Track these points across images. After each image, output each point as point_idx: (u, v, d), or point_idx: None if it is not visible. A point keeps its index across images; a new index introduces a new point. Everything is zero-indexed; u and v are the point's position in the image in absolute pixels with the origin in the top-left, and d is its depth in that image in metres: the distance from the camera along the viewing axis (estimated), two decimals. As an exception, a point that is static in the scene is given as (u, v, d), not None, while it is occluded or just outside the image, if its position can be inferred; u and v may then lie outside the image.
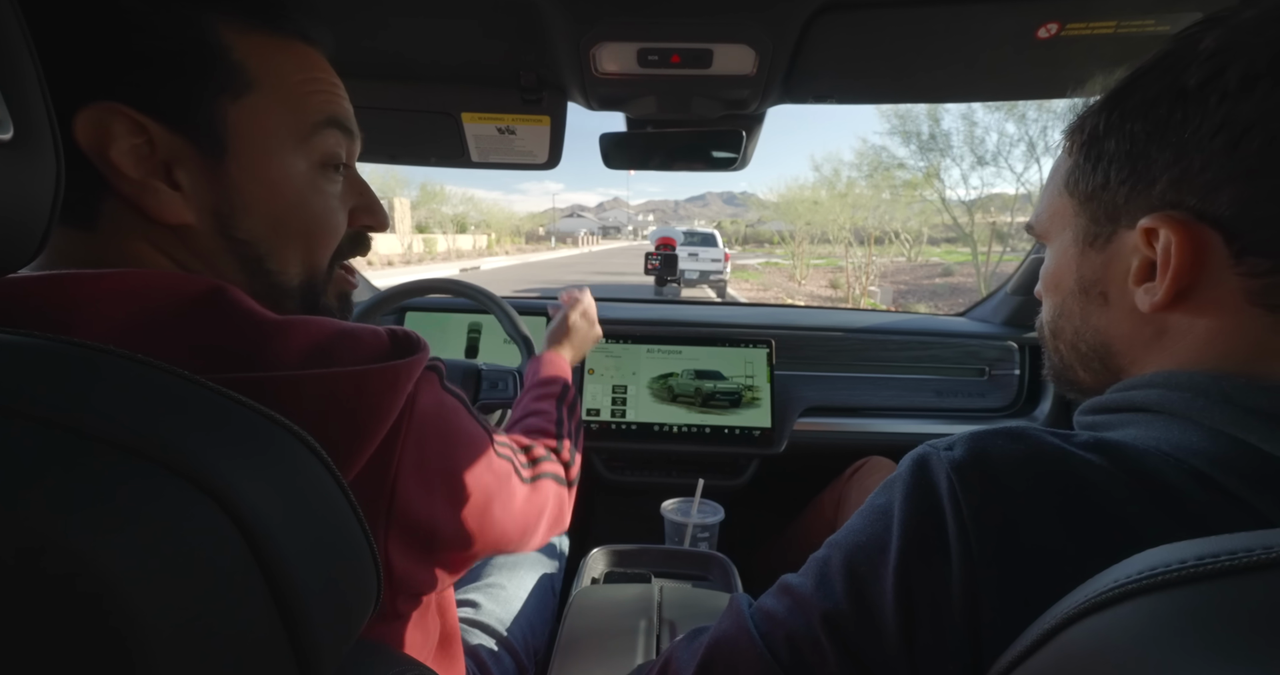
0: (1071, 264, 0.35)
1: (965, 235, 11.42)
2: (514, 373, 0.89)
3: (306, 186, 0.33)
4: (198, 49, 0.28)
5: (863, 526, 0.31)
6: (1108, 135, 0.31)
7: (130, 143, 0.27)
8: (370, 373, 0.28)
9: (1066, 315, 0.36)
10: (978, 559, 0.25)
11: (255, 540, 0.20)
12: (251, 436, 0.22)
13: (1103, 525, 0.24)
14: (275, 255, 0.32)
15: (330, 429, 0.26)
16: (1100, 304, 0.34)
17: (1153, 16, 0.57)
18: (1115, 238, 0.32)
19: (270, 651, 0.20)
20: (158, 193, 0.28)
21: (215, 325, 0.26)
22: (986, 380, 1.20)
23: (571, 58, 0.65)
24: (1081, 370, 0.37)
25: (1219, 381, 0.27)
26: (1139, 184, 0.30)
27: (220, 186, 0.30)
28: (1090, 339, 0.35)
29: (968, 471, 0.27)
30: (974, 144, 10.82)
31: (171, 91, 0.28)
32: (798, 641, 0.30)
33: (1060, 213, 0.35)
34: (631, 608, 0.63)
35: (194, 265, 0.30)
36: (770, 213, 23.08)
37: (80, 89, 0.26)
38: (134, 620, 0.17)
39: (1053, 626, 0.20)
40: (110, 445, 0.19)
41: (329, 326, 0.29)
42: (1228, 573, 0.17)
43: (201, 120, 0.28)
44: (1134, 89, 0.30)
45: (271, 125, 0.31)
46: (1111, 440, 0.28)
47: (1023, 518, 0.25)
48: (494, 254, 27.80)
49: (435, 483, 0.34)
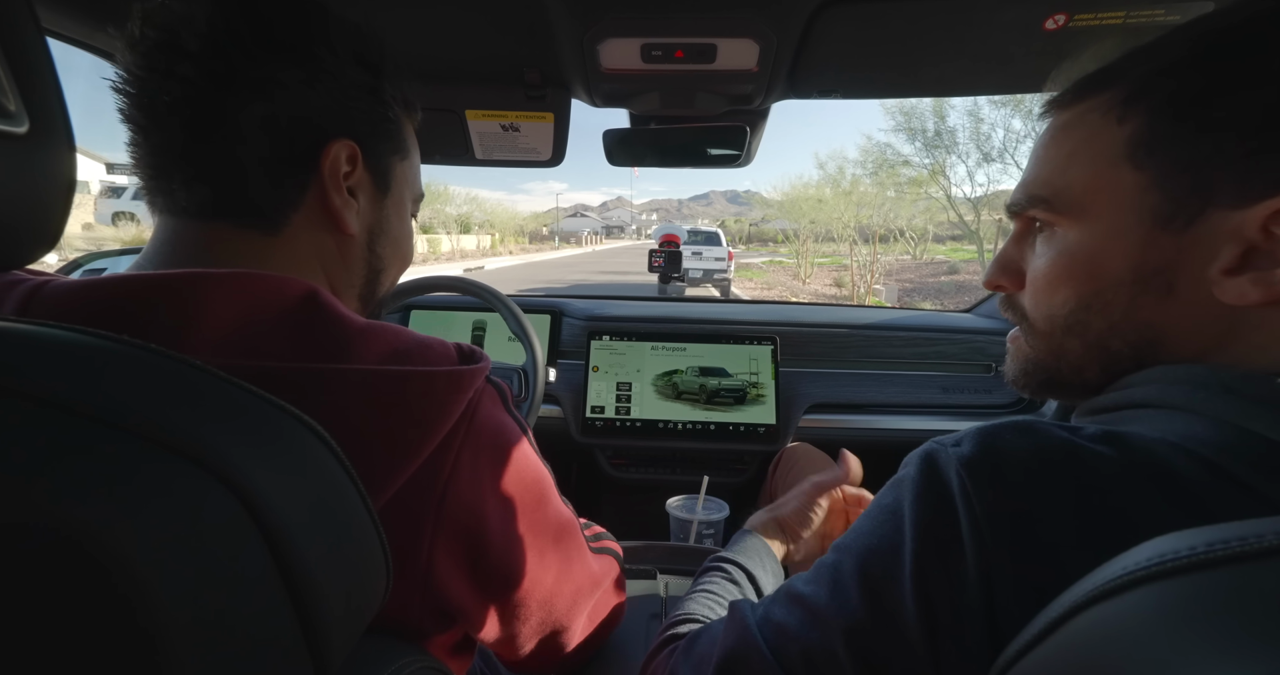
0: (1128, 248, 0.30)
1: (971, 233, 11.36)
2: (519, 370, 0.89)
3: (410, 226, 0.45)
4: (393, 122, 0.40)
5: (872, 529, 0.30)
6: (1219, 96, 0.26)
7: (348, 169, 0.37)
8: (437, 374, 0.31)
9: (1100, 308, 0.31)
10: (992, 554, 0.25)
11: (267, 526, 0.20)
12: (264, 427, 0.23)
13: (1114, 516, 0.24)
14: (388, 271, 0.43)
15: (395, 421, 0.30)
16: (1160, 294, 0.29)
17: (1162, 6, 0.56)
18: (1201, 219, 0.27)
19: (282, 634, 0.21)
20: (350, 207, 0.37)
21: (311, 325, 0.31)
22: (992, 376, 1.20)
23: (575, 54, 0.65)
24: (1098, 371, 0.33)
25: (1217, 373, 0.27)
26: (1267, 159, 0.25)
27: (377, 214, 0.40)
28: (1132, 335, 0.31)
29: (978, 467, 0.26)
30: (980, 140, 10.76)
31: (379, 145, 0.39)
32: (814, 657, 0.29)
33: (1110, 188, 0.30)
34: (637, 603, 0.63)
35: (335, 270, 0.39)
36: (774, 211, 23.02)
37: (339, 129, 0.36)
38: (150, 602, 0.17)
39: (1060, 614, 0.20)
40: (127, 432, 0.19)
41: (408, 335, 0.34)
42: (1237, 559, 0.17)
43: (383, 167, 0.40)
44: (1251, 47, 0.26)
45: (409, 180, 0.43)
46: (1119, 431, 0.27)
47: (1035, 511, 0.25)
48: (498, 254, 27.85)
49: (487, 492, 0.34)
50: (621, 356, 1.17)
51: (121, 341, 0.21)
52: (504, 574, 0.36)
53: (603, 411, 1.14)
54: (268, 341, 0.29)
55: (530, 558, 0.37)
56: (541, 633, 0.41)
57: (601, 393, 1.15)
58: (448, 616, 0.36)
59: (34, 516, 0.17)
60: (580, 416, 1.14)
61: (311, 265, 0.37)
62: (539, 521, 0.38)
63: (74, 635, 0.17)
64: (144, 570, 0.17)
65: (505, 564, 0.36)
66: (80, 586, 0.17)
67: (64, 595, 0.17)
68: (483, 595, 0.36)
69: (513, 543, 0.36)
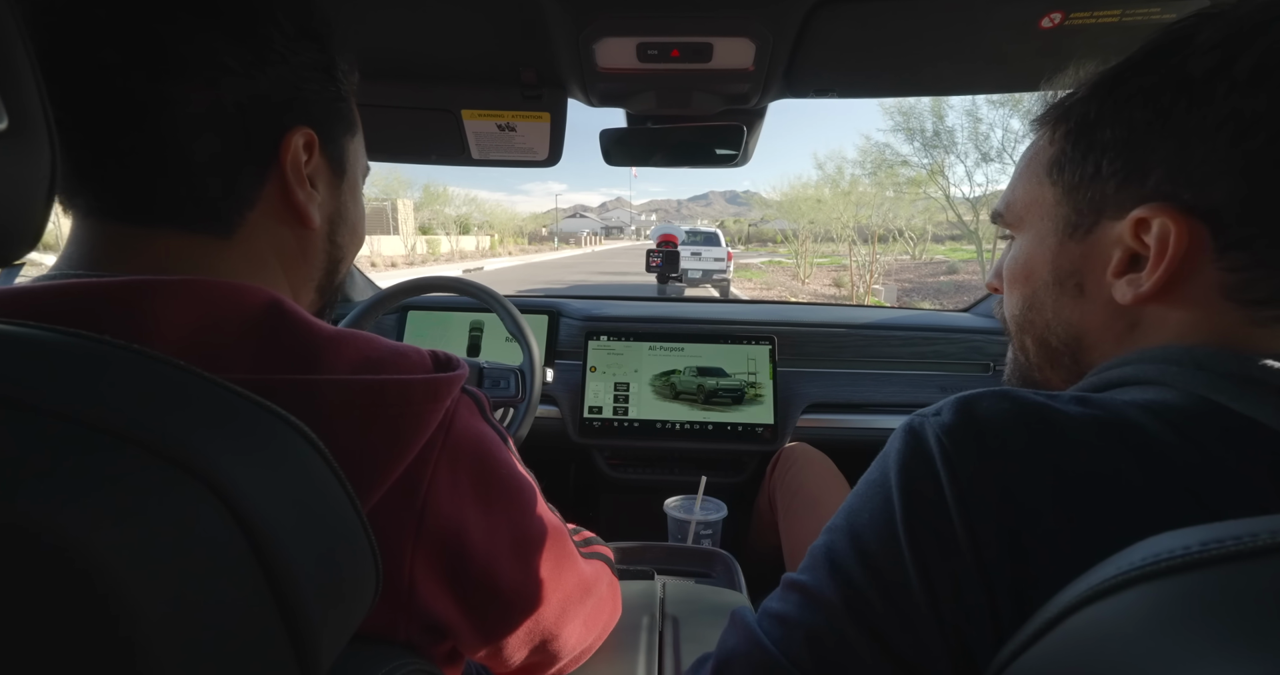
0: (1048, 254, 0.34)
1: (970, 233, 11.37)
2: (516, 371, 0.89)
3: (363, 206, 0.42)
4: (345, 99, 0.37)
5: (861, 505, 0.30)
6: (1101, 123, 0.31)
7: (305, 158, 0.34)
8: (414, 382, 0.30)
9: (1036, 308, 0.36)
10: (976, 516, 0.25)
11: (252, 530, 0.20)
12: (254, 431, 0.22)
13: (1090, 477, 0.25)
14: (345, 259, 0.40)
15: (373, 434, 0.29)
16: (1074, 296, 0.33)
17: (1157, 5, 0.56)
18: (1097, 229, 0.32)
19: (266, 639, 0.20)
20: (312, 198, 0.35)
21: (277, 335, 0.29)
22: (991, 375, 1.19)
23: (571, 53, 0.65)
24: (1050, 369, 0.36)
25: (1190, 351, 0.28)
26: (1133, 174, 0.30)
27: (336, 201, 0.38)
28: (1061, 332, 0.35)
29: (958, 432, 0.27)
30: (978, 140, 10.78)
31: (333, 127, 0.36)
32: (820, 638, 0.28)
33: (1038, 202, 0.35)
34: (635, 604, 0.62)
35: (295, 266, 0.36)
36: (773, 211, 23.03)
37: (295, 116, 0.33)
38: (130, 606, 0.17)
39: (1056, 614, 0.20)
40: (109, 435, 0.19)
41: (381, 343, 0.32)
42: (1232, 558, 0.16)
43: (338, 151, 0.37)
44: (1128, 77, 0.30)
45: (359, 157, 0.40)
46: (1095, 397, 0.29)
47: (1015, 472, 0.26)
48: (497, 255, 27.88)
49: (468, 505, 0.33)
50: (619, 357, 1.17)
51: (104, 342, 0.21)
52: (488, 588, 0.35)
53: (600, 412, 1.13)
54: (230, 354, 0.27)
55: (515, 571, 0.36)
56: (530, 643, 0.40)
57: (599, 393, 1.15)
58: (435, 631, 0.35)
59: (11, 520, 0.16)
60: (578, 417, 1.13)
61: (269, 265, 0.34)
62: (523, 533, 0.37)
63: (55, 644, 0.17)
64: (127, 577, 0.17)
65: (489, 578, 0.34)
66: (61, 593, 0.17)
67: (44, 602, 0.17)
68: (467, 610, 0.35)
69: (496, 556, 0.35)
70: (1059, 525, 0.24)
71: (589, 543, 0.55)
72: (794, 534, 0.84)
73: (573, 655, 0.45)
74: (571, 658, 0.45)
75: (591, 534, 0.57)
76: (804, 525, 0.83)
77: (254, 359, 0.28)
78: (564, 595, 0.41)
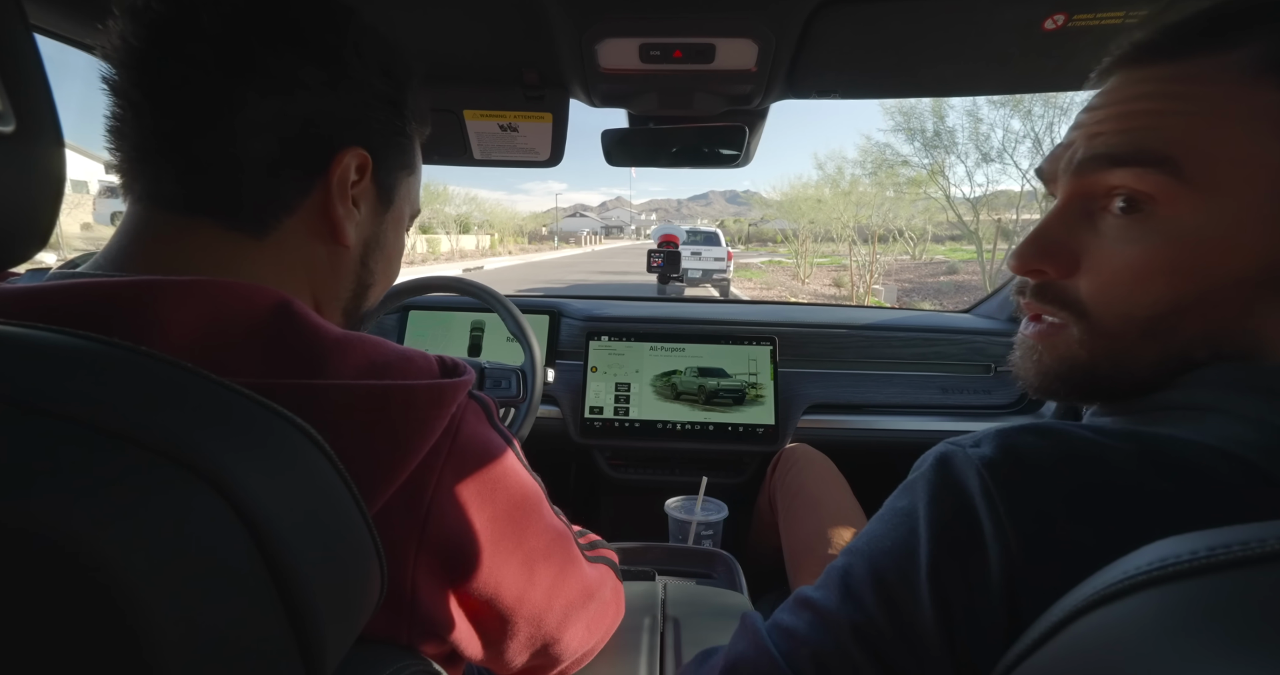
0: (1262, 239, 0.25)
1: (970, 233, 11.36)
2: (517, 371, 0.89)
3: (404, 242, 0.44)
4: (408, 136, 0.39)
5: (885, 532, 0.29)
6: None
7: (355, 179, 0.35)
8: (419, 388, 0.30)
9: (1201, 311, 0.27)
10: (1016, 557, 0.24)
11: (259, 531, 0.20)
12: (258, 431, 0.22)
13: (1140, 519, 0.23)
14: (376, 286, 0.42)
15: (377, 439, 0.29)
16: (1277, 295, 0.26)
17: (1161, 6, 0.56)
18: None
19: (271, 638, 0.21)
20: (352, 217, 0.36)
21: (284, 337, 0.29)
22: (992, 377, 1.19)
23: (573, 54, 0.65)
24: (1151, 376, 0.29)
25: (1251, 374, 0.25)
26: None
27: (376, 227, 0.39)
28: (1227, 345, 0.26)
29: (1001, 468, 0.25)
30: (979, 140, 10.77)
31: (390, 157, 0.38)
32: (825, 659, 0.28)
33: (1253, 163, 0.25)
34: (636, 605, 0.62)
35: (323, 280, 0.37)
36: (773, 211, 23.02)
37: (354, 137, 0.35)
38: (136, 605, 0.17)
39: (1061, 619, 0.19)
40: (113, 436, 0.19)
41: (387, 347, 0.32)
42: (1240, 563, 0.16)
43: (390, 181, 0.39)
44: None
45: (411, 196, 0.42)
46: (1148, 432, 0.25)
47: (1060, 513, 0.24)
48: (497, 254, 27.84)
49: (473, 512, 0.33)
50: (620, 357, 1.17)
51: (108, 343, 0.21)
52: (490, 595, 0.35)
53: (601, 412, 1.13)
54: (236, 356, 0.28)
55: (519, 576, 0.36)
56: (532, 647, 0.40)
57: (600, 393, 1.15)
58: (436, 636, 0.35)
59: (17, 521, 0.16)
60: (579, 417, 1.13)
61: (297, 274, 0.35)
62: (528, 539, 0.37)
63: (61, 643, 0.17)
64: (132, 576, 0.17)
65: (491, 585, 0.34)
66: (68, 593, 0.17)
67: (51, 602, 0.17)
68: (469, 615, 0.35)
69: (500, 563, 0.35)
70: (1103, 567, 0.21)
71: (594, 545, 0.55)
72: (794, 535, 0.84)
73: (574, 658, 0.45)
74: (573, 660, 0.45)
75: (597, 537, 0.57)
76: (804, 526, 0.83)
77: (260, 361, 0.28)
78: (567, 600, 0.41)
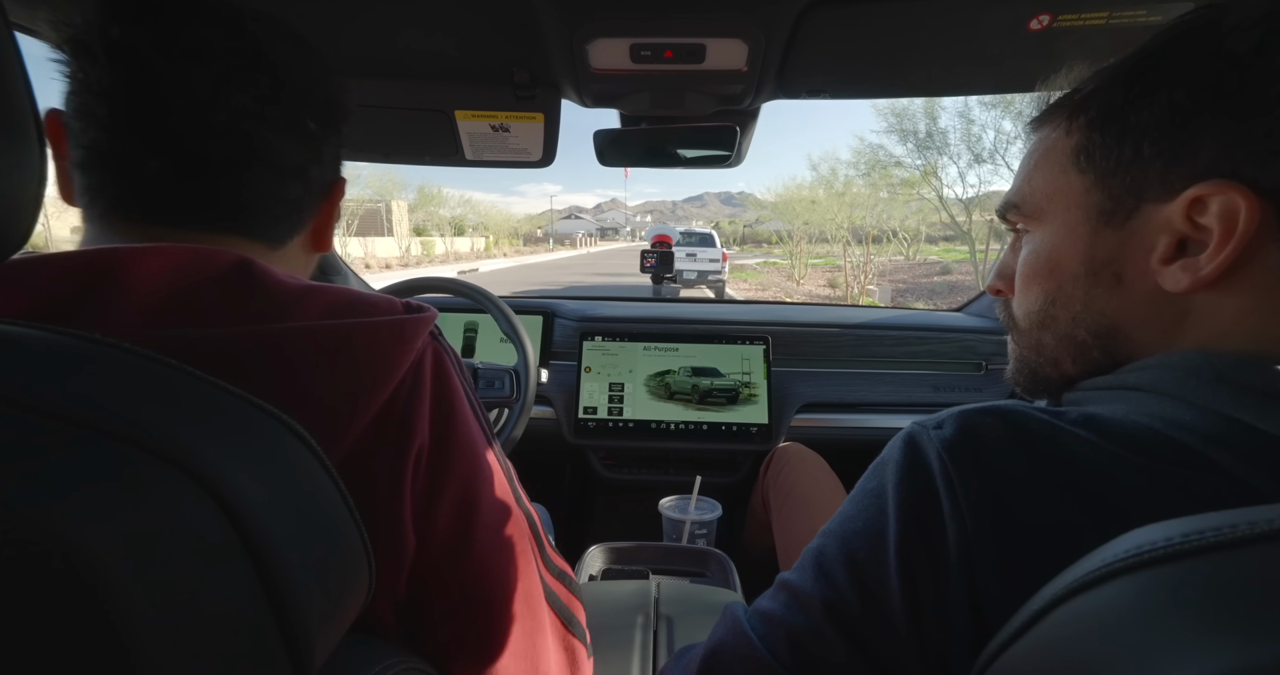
0: (1079, 245, 0.32)
1: (963, 233, 11.44)
2: (510, 371, 0.89)
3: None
4: None
5: (856, 512, 0.30)
6: (1133, 108, 0.30)
7: None
8: (381, 323, 0.31)
9: (1062, 302, 0.34)
10: (973, 537, 0.25)
11: (241, 523, 0.20)
12: (240, 425, 0.22)
13: (1094, 501, 0.24)
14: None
15: (342, 376, 0.30)
16: (1111, 286, 0.32)
17: (1144, 7, 0.57)
18: (1138, 214, 0.30)
19: (257, 635, 0.20)
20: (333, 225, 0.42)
21: (246, 290, 0.30)
22: (984, 375, 1.20)
23: (564, 54, 0.65)
24: (1070, 362, 0.35)
25: (1210, 360, 0.27)
26: (1181, 153, 0.28)
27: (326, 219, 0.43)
28: (1092, 324, 0.33)
29: (958, 450, 0.27)
30: (971, 142, 10.85)
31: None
32: (800, 638, 0.29)
33: (1063, 191, 0.33)
34: (629, 604, 0.63)
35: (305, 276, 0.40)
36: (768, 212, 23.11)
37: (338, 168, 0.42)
38: (120, 601, 0.17)
39: (1041, 607, 0.20)
40: (95, 432, 0.19)
41: (350, 292, 0.33)
42: (1214, 549, 0.17)
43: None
44: (1153, 64, 0.29)
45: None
46: (1101, 415, 0.27)
47: (1015, 495, 0.25)
48: (492, 256, 27.81)
49: (441, 432, 0.35)
50: (614, 357, 1.17)
51: (93, 340, 0.21)
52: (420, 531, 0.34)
53: (595, 412, 1.13)
54: (203, 308, 0.29)
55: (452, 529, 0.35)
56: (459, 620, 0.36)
57: (594, 393, 1.15)
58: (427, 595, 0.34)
59: (1, 521, 0.16)
60: (573, 417, 1.13)
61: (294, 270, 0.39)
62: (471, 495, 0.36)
63: (46, 641, 0.17)
64: (117, 571, 0.17)
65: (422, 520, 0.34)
66: (51, 590, 0.17)
67: (35, 600, 0.17)
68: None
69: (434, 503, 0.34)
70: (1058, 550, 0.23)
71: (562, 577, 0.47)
72: (787, 534, 0.84)
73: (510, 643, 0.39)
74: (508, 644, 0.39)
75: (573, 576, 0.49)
76: (797, 525, 0.84)
77: (224, 311, 0.29)
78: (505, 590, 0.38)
